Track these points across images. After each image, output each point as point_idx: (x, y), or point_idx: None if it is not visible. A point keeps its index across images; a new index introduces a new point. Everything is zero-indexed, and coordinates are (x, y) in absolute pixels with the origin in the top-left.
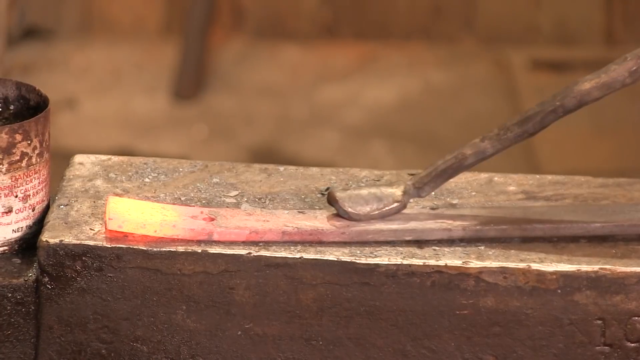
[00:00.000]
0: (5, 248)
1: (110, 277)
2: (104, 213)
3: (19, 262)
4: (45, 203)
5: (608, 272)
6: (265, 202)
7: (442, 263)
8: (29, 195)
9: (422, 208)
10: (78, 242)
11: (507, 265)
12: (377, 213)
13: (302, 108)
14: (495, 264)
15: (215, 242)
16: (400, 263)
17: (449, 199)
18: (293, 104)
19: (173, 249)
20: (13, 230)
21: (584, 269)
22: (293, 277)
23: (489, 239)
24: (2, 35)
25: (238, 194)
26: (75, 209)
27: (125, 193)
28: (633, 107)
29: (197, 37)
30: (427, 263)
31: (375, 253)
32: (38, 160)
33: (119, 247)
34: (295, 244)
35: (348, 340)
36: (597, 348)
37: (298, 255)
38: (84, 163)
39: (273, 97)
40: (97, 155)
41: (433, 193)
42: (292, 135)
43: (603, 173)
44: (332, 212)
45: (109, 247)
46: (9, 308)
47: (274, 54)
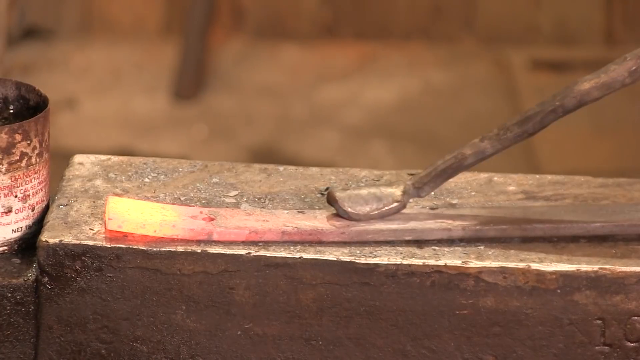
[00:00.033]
0: (5, 248)
1: (110, 277)
2: (104, 213)
3: (19, 262)
4: (45, 203)
5: (608, 272)
6: (265, 202)
7: (441, 263)
8: (29, 195)
9: (421, 208)
10: (78, 242)
11: (506, 265)
12: (376, 213)
13: (302, 108)
14: (495, 264)
15: (215, 242)
16: (400, 263)
17: (449, 199)
18: (293, 104)
19: (173, 249)
20: (13, 230)
21: (584, 269)
22: (293, 277)
23: (489, 239)
24: (2, 35)
25: (238, 194)
26: (75, 209)
27: (125, 193)
28: (633, 107)
29: (197, 37)
30: (426, 263)
31: (375, 253)
32: (38, 160)
33: (119, 247)
34: (295, 244)
35: (348, 340)
36: (597, 348)
37: (298, 255)
38: (84, 163)
39: (273, 97)
40: (96, 155)
41: (433, 193)
42: (292, 135)
43: (603, 173)
44: (331, 212)
45: (109, 247)
46: (9, 308)
47: (274, 54)
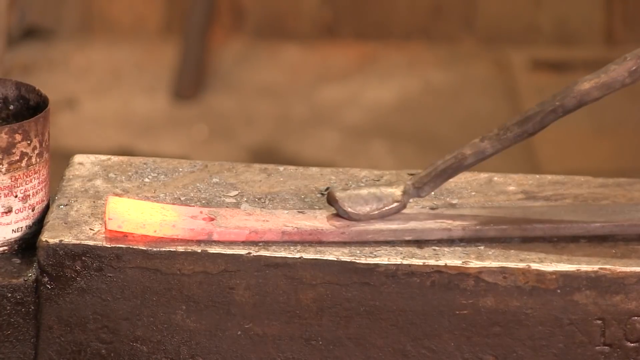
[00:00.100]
0: (5, 248)
1: (110, 277)
2: (104, 213)
3: (19, 262)
4: (45, 203)
5: (608, 272)
6: (265, 202)
7: (441, 263)
8: (29, 195)
9: (421, 208)
10: (78, 242)
11: (506, 265)
12: (376, 213)
13: (302, 108)
14: (495, 264)
15: (215, 242)
16: (400, 263)
17: (449, 199)
18: (293, 104)
19: (173, 249)
20: (13, 230)
21: (584, 269)
22: (293, 277)
23: (489, 239)
24: (2, 35)
25: (238, 194)
26: (75, 209)
27: (125, 193)
28: (633, 107)
29: (197, 37)
30: (426, 263)
31: (375, 253)
32: (38, 160)
33: (119, 247)
34: (295, 244)
35: (348, 340)
36: (597, 348)
37: (298, 255)
38: (84, 163)
39: (273, 97)
40: (96, 155)
41: (433, 193)
42: (292, 135)
43: (603, 173)
44: (331, 212)
45: (109, 247)
46: (9, 308)
47: (274, 54)
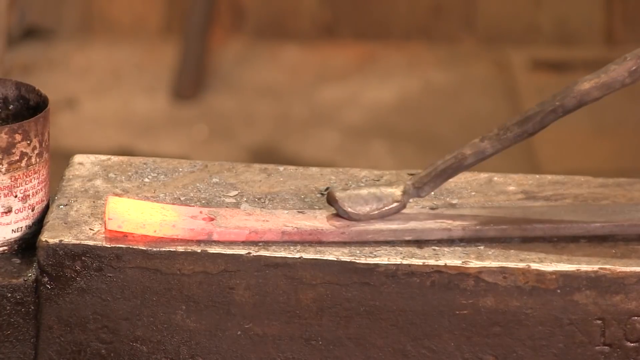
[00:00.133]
0: (5, 248)
1: (110, 277)
2: (104, 213)
3: (19, 262)
4: (45, 203)
5: (608, 272)
6: (265, 202)
7: (441, 263)
8: (29, 195)
9: (421, 208)
10: (77, 242)
11: (506, 265)
12: (376, 213)
13: (302, 108)
14: (495, 264)
15: (215, 242)
16: (400, 263)
17: (449, 199)
18: (293, 104)
19: (173, 249)
20: (12, 230)
21: (584, 269)
22: (293, 277)
23: (489, 239)
24: (2, 35)
25: (238, 194)
26: (75, 209)
27: (125, 193)
28: (633, 107)
29: (197, 37)
30: (426, 263)
31: (375, 253)
32: (37, 160)
33: (119, 247)
34: (295, 244)
35: (348, 340)
36: (596, 348)
37: (298, 255)
38: (84, 163)
39: (273, 97)
40: (96, 155)
41: (433, 193)
42: (292, 135)
43: (603, 173)
44: (331, 212)
45: (109, 247)
46: (9, 308)
47: (274, 54)
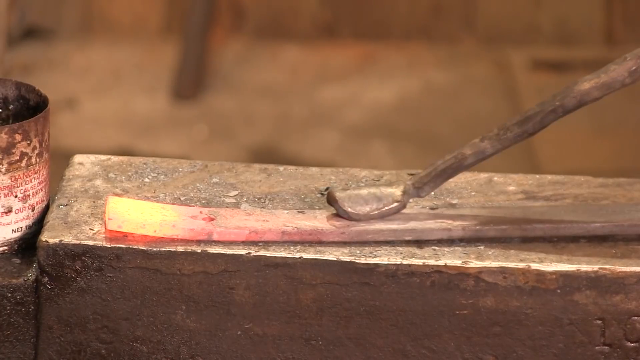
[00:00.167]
0: (5, 248)
1: (110, 277)
2: (104, 213)
3: (19, 262)
4: (45, 203)
5: (608, 272)
6: (265, 202)
7: (441, 263)
8: (29, 195)
9: (421, 208)
10: (78, 242)
11: (506, 265)
12: (376, 213)
13: (302, 108)
14: (495, 264)
15: (215, 242)
16: (400, 263)
17: (449, 199)
18: (293, 104)
19: (173, 249)
20: (13, 230)
21: (584, 269)
22: (293, 277)
23: (489, 239)
24: (2, 35)
25: (238, 194)
26: (75, 209)
27: (125, 193)
28: (633, 107)
29: (197, 37)
30: (426, 263)
31: (375, 253)
32: (37, 160)
33: (119, 247)
34: (295, 244)
35: (348, 340)
36: (596, 348)
37: (298, 255)
38: (84, 163)
39: (273, 97)
40: (96, 155)
41: (433, 193)
42: (292, 135)
43: (603, 173)
44: (331, 212)
45: (109, 247)
46: (9, 308)
47: (274, 54)
